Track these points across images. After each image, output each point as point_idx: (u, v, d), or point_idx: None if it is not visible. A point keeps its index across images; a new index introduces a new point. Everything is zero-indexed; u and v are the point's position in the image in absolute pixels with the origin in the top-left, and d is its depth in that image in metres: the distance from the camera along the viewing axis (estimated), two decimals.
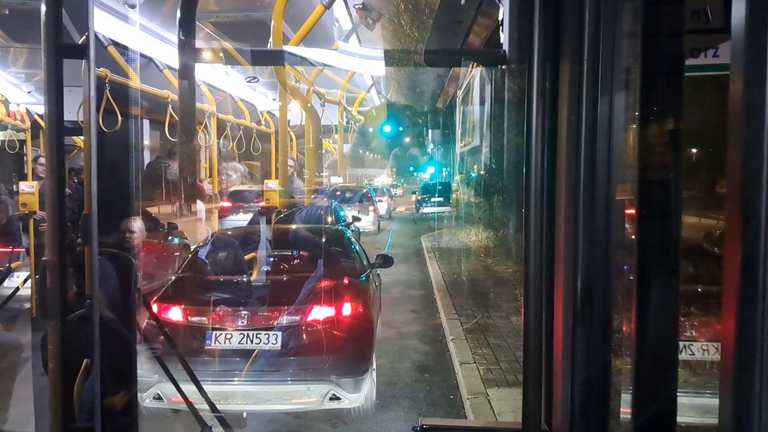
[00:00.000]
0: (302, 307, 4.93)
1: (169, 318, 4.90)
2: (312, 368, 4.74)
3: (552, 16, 1.70)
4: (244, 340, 4.75)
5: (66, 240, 1.72)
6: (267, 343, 4.74)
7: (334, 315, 4.94)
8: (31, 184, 7.12)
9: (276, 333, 4.77)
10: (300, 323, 4.85)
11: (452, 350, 7.09)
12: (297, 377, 4.70)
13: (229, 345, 4.74)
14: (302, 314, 4.89)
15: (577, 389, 1.70)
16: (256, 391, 4.71)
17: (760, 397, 1.05)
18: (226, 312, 4.87)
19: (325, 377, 4.69)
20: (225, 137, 11.16)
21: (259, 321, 4.83)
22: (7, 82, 11.96)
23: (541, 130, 1.71)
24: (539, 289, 1.73)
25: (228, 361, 4.73)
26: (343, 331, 4.96)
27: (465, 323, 8.09)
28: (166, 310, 4.94)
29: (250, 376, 4.68)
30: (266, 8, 11.47)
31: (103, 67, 5.32)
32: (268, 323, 4.83)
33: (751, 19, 1.06)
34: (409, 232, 21.17)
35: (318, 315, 4.91)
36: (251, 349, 4.72)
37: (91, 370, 1.92)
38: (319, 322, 4.90)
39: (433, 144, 32.96)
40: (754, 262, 1.05)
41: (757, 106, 1.04)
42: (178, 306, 4.95)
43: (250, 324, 4.80)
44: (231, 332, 4.78)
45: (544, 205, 1.74)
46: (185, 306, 4.95)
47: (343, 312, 5.01)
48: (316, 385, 4.67)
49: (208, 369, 4.65)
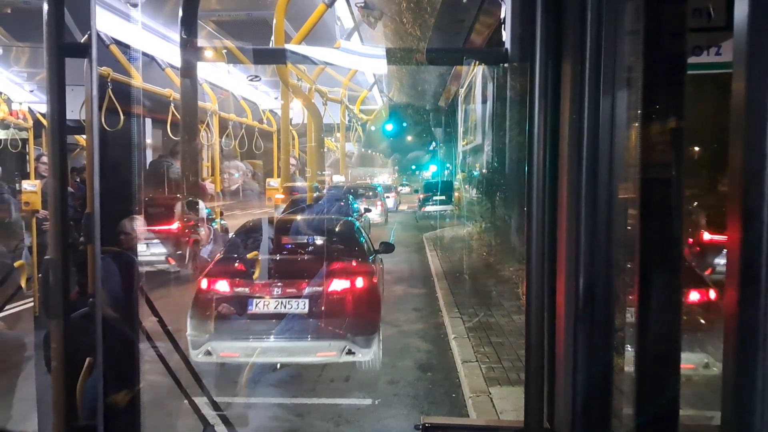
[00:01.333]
0: (324, 280, 6.07)
1: (217, 289, 5.99)
2: (332, 328, 5.82)
3: (554, 15, 1.70)
4: (278, 306, 5.90)
5: (69, 239, 1.73)
6: (296, 308, 5.89)
7: (349, 287, 6.11)
8: (33, 183, 7.14)
9: (304, 300, 5.89)
10: (323, 293, 5.98)
11: (454, 348, 7.08)
12: (320, 335, 5.83)
13: (266, 310, 5.87)
14: (324, 286, 6.02)
15: (579, 387, 1.70)
16: (288, 346, 5.88)
17: (763, 395, 1.05)
18: (264, 283, 5.98)
19: (343, 335, 5.80)
20: (227, 136, 11.16)
21: (290, 291, 5.94)
22: (10, 81, 11.98)
23: (543, 128, 1.71)
24: (541, 288, 1.73)
25: (266, 322, 5.84)
26: (356, 300, 6.10)
27: (467, 321, 8.07)
28: (214, 283, 6.05)
29: (283, 334, 5.79)
30: (268, 7, 11.47)
31: (105, 65, 5.33)
32: (298, 292, 5.93)
33: (753, 18, 1.06)
34: (412, 230, 21.13)
35: (337, 287, 6.08)
36: (284, 313, 5.85)
37: (93, 369, 1.92)
38: (337, 292, 6.05)
39: (435, 142, 32.83)
40: (756, 260, 1.04)
41: (760, 104, 1.04)
42: (225, 279, 6.06)
43: (283, 293, 5.93)
44: (268, 300, 5.90)
45: (546, 203, 1.73)
46: (230, 279, 6.06)
47: (356, 285, 6.16)
48: (335, 341, 5.78)
49: (250, 329, 5.85)
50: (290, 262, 6.70)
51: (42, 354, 2.67)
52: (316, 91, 12.11)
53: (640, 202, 1.52)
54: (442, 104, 27.86)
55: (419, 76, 21.98)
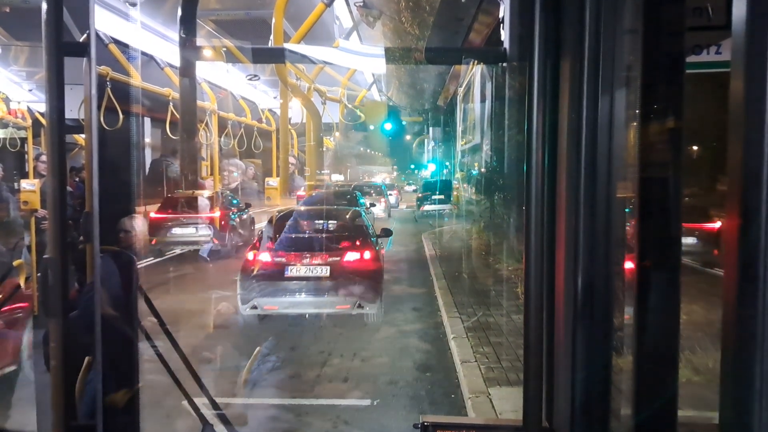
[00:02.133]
0: (340, 252, 8.28)
1: (260, 260, 8.09)
2: (347, 288, 7.89)
3: (553, 14, 1.70)
4: (306, 271, 7.98)
5: (67, 238, 1.72)
6: (320, 273, 7.95)
7: (358, 258, 8.28)
8: (32, 182, 7.14)
9: (325, 267, 8.00)
10: (340, 261, 8.12)
11: (453, 348, 7.07)
12: (337, 293, 7.89)
13: (298, 274, 7.94)
14: (341, 256, 8.19)
15: (578, 386, 1.70)
16: (314, 300, 7.97)
17: (761, 394, 1.05)
18: (296, 254, 8.11)
19: (355, 294, 7.87)
20: (226, 135, 11.16)
21: (316, 259, 8.07)
22: (9, 80, 11.97)
23: (542, 127, 1.70)
24: (540, 287, 1.72)
25: (298, 283, 7.90)
26: (364, 268, 8.21)
27: (466, 321, 8.07)
28: (258, 255, 8.21)
29: (311, 292, 7.92)
30: (267, 6, 11.46)
31: (105, 65, 5.32)
32: (322, 261, 8.06)
33: (751, 17, 1.06)
34: (410, 230, 21.07)
35: (350, 258, 8.25)
36: (311, 277, 7.93)
37: (92, 368, 1.92)
38: (350, 262, 8.19)
39: (434, 142, 32.71)
40: (755, 259, 1.04)
41: (758, 104, 1.04)
42: (267, 252, 8.23)
43: (310, 262, 8.03)
44: (299, 267, 7.99)
45: (545, 202, 1.73)
46: (271, 252, 8.23)
47: (364, 257, 8.32)
48: (349, 298, 7.85)
49: (287, 288, 7.87)
50: (314, 239, 8.67)
51: (41, 353, 2.67)
52: (315, 91, 12.10)
53: (638, 200, 1.52)
54: (441, 104, 27.85)
55: (418, 76, 21.98)
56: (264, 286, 7.82)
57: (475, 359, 6.51)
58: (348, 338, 7.81)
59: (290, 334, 8.06)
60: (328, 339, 7.74)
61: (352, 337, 7.84)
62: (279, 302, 7.89)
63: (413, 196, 33.51)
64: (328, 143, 20.82)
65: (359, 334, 7.99)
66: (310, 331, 8.15)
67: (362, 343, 7.57)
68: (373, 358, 6.99)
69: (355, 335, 7.94)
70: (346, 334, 7.99)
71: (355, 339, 7.78)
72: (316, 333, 8.11)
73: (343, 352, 7.19)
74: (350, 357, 7.01)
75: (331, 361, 6.86)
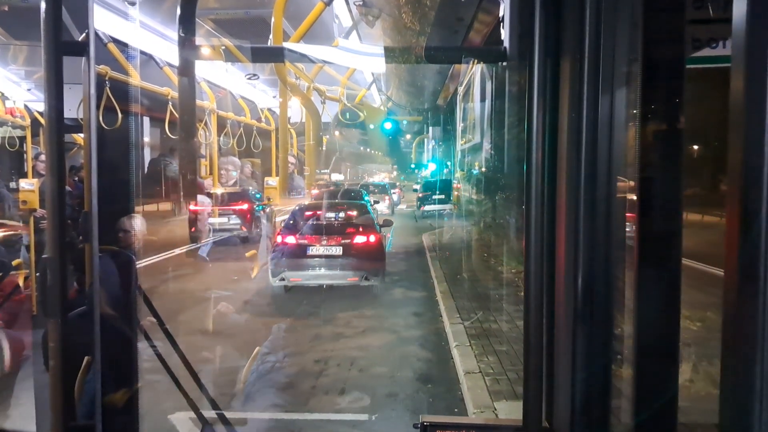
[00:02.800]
0: (351, 236, 10.21)
1: (287, 242, 9.99)
2: (355, 264, 9.86)
3: (553, 13, 1.69)
4: (324, 250, 9.92)
5: (66, 237, 1.72)
6: (335, 252, 9.92)
7: (365, 241, 10.20)
8: (31, 182, 7.13)
9: (339, 247, 9.97)
10: (350, 243, 10.05)
11: (456, 358, 6.79)
12: (348, 268, 9.86)
13: (317, 253, 9.91)
14: (351, 239, 10.13)
15: (578, 387, 1.70)
16: (330, 273, 9.90)
17: (761, 395, 1.04)
18: (316, 237, 10.03)
19: (362, 269, 9.86)
20: (225, 134, 11.15)
21: (331, 241, 10.00)
22: (7, 80, 11.95)
23: (542, 127, 1.70)
24: (540, 287, 1.72)
25: (317, 260, 9.89)
26: (370, 248, 10.16)
27: (469, 329, 7.83)
28: (285, 237, 10.12)
29: (327, 267, 9.88)
30: (266, 5, 11.46)
31: (103, 64, 5.31)
32: (336, 242, 10.00)
33: (751, 15, 1.06)
34: (411, 230, 21.02)
35: (358, 240, 10.18)
36: (328, 255, 9.88)
37: (91, 368, 1.92)
38: (358, 244, 10.12)
39: (435, 141, 32.61)
40: (755, 259, 1.04)
41: (759, 103, 1.04)
42: (292, 235, 10.11)
43: (327, 243, 9.97)
44: (318, 247, 9.95)
45: (545, 202, 1.73)
46: (296, 235, 10.12)
47: (369, 240, 10.25)
48: (358, 272, 9.85)
49: (309, 264, 9.81)
50: (330, 225, 10.70)
51: (40, 353, 2.67)
52: (314, 90, 12.09)
53: (639, 200, 1.52)
54: (441, 103, 27.83)
55: (418, 74, 21.96)
56: (290, 263, 9.88)
57: (479, 369, 6.25)
58: (346, 347, 7.55)
59: (285, 338, 7.95)
60: (324, 348, 7.51)
61: (350, 346, 7.60)
62: (302, 275, 9.94)
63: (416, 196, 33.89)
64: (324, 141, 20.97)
65: (357, 342, 7.80)
66: (305, 340, 7.94)
67: (360, 351, 7.39)
68: (372, 368, 6.80)
69: (353, 343, 7.72)
70: (344, 342, 7.74)
71: (352, 347, 7.56)
72: (313, 340, 7.90)
73: (340, 362, 6.95)
74: (347, 367, 6.83)
75: (327, 371, 6.68)
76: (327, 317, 9.01)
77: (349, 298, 10.15)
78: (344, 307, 9.59)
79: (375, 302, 10.07)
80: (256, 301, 9.93)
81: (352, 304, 9.81)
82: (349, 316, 9.10)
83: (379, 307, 9.77)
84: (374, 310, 9.52)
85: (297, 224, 10.59)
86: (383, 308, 9.72)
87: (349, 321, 8.86)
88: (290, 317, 9.02)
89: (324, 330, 8.38)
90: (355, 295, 10.27)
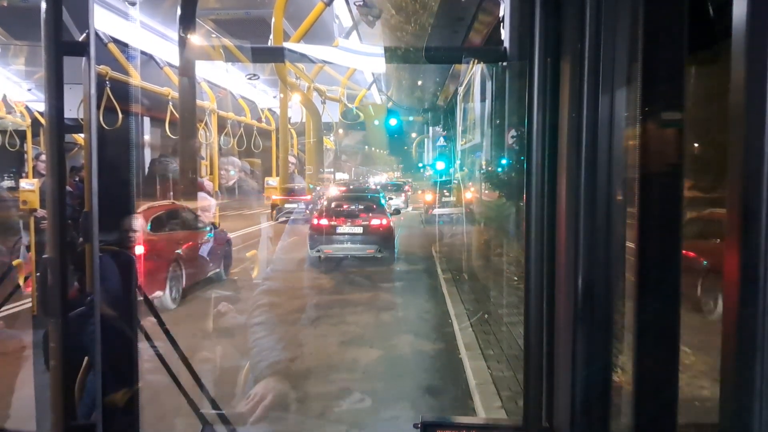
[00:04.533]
0: (368, 219, 13.57)
1: (321, 223, 13.17)
2: (372, 240, 13.28)
3: (553, 13, 1.69)
4: (349, 229, 13.31)
5: (67, 238, 1.72)
6: (357, 231, 13.33)
7: (379, 223, 13.56)
8: (31, 182, 7.13)
9: (360, 227, 13.41)
10: (369, 224, 13.49)
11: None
12: (367, 243, 13.29)
13: (344, 231, 13.33)
14: (369, 221, 13.54)
15: (578, 386, 1.70)
16: (353, 247, 13.31)
17: (761, 395, 1.04)
18: (343, 219, 13.42)
19: (377, 244, 13.33)
20: (225, 134, 11.16)
21: (355, 223, 13.45)
22: (8, 80, 11.96)
23: (542, 127, 1.70)
24: (540, 287, 1.72)
25: (344, 237, 13.32)
26: (382, 229, 13.55)
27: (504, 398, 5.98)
28: (320, 219, 13.33)
29: (351, 242, 13.34)
30: (267, 5, 11.47)
31: (104, 64, 5.30)
32: (358, 224, 13.42)
33: (752, 15, 1.06)
34: (417, 240, 19.03)
35: (375, 222, 13.60)
36: (352, 233, 13.27)
37: (92, 368, 1.92)
38: (375, 225, 13.55)
39: (443, 138, 31.77)
40: (755, 259, 1.04)
41: (759, 104, 1.04)
42: (325, 218, 13.36)
43: (352, 224, 13.44)
44: (345, 227, 13.38)
45: (545, 202, 1.73)
46: (328, 217, 13.44)
47: (382, 223, 13.63)
48: (373, 245, 13.29)
49: (337, 239, 13.19)
50: (354, 210, 14.11)
51: (40, 353, 2.67)
52: (314, 90, 12.09)
53: (639, 200, 1.52)
54: (441, 103, 27.83)
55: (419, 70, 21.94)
56: (324, 238, 13.15)
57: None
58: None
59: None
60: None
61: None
62: (333, 248, 13.22)
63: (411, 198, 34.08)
64: (328, 143, 21.08)
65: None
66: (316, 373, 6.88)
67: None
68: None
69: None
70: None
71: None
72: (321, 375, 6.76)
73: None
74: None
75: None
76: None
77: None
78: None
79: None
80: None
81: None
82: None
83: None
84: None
85: (330, 210, 14.11)
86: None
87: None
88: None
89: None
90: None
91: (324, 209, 14.12)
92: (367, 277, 12.65)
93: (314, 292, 11.00)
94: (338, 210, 14.16)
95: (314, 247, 13.14)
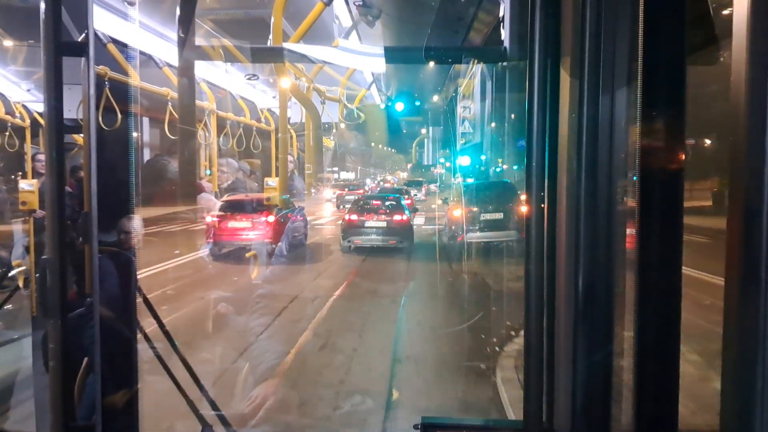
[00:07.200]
0: (391, 215, 15.40)
1: (351, 218, 15.25)
2: (394, 233, 15.14)
3: (552, 13, 1.69)
4: (375, 223, 15.14)
5: (66, 238, 1.72)
6: (382, 225, 15.14)
7: (400, 219, 15.32)
8: (30, 182, 7.12)
9: (384, 222, 15.20)
10: (392, 220, 15.26)
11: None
12: (390, 235, 15.08)
13: (371, 225, 15.13)
14: (391, 217, 15.30)
15: (578, 387, 1.70)
16: (379, 238, 15.05)
17: (762, 394, 1.04)
18: (370, 215, 15.31)
19: (398, 236, 15.14)
20: (225, 135, 11.16)
21: (380, 218, 15.24)
22: (7, 80, 11.96)
23: (542, 126, 1.70)
24: (540, 287, 1.72)
25: (371, 230, 15.13)
26: (402, 224, 15.33)
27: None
28: (351, 215, 15.38)
29: (377, 234, 15.10)
30: (266, 6, 11.48)
31: (103, 64, 5.29)
32: (383, 219, 15.24)
33: (753, 15, 1.06)
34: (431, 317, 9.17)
35: (396, 218, 15.32)
36: (377, 226, 15.12)
37: (91, 369, 1.91)
38: (397, 221, 15.28)
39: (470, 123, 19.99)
40: (756, 259, 1.04)
41: (759, 104, 1.04)
42: (355, 214, 15.35)
43: (377, 219, 15.21)
44: (372, 221, 15.18)
45: (545, 202, 1.73)
46: (357, 213, 15.42)
47: (402, 218, 15.34)
48: (395, 237, 15.08)
49: (365, 232, 15.09)
50: (379, 207, 15.83)
51: (40, 354, 2.67)
52: (314, 90, 12.10)
53: (639, 200, 1.52)
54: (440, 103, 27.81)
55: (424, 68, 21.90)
56: (354, 230, 14.97)
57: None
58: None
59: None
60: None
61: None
62: (362, 239, 14.86)
63: (421, 208, 23.23)
64: (327, 142, 21.06)
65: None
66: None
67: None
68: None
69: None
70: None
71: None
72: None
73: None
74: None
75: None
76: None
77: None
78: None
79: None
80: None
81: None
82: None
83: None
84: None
85: (359, 207, 16.32)
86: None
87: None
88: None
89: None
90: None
91: (355, 205, 16.96)
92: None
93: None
94: (367, 206, 16.64)
95: (346, 238, 15.25)
